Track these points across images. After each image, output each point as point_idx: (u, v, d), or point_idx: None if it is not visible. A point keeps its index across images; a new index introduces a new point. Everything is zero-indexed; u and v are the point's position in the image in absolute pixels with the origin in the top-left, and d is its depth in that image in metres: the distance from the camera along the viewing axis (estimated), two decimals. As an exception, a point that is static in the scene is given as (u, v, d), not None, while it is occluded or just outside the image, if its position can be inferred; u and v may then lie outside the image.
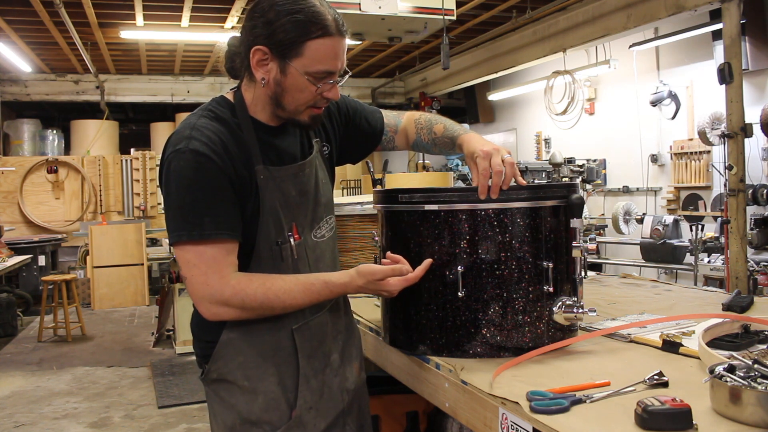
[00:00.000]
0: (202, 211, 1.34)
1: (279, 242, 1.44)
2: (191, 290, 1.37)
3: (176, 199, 1.36)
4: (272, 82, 1.40)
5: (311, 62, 1.37)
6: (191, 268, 1.35)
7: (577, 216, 1.46)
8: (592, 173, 6.71)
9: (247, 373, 1.43)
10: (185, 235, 1.35)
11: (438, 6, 4.56)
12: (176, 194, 1.36)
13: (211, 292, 1.35)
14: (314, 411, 1.46)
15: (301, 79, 1.38)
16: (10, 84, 9.51)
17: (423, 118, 1.75)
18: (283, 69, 1.38)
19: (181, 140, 1.37)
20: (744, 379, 1.07)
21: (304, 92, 1.40)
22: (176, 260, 1.42)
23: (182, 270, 1.38)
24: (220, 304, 1.36)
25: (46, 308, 6.48)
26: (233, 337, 1.43)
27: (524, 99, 9.57)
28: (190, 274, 1.36)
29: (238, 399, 1.44)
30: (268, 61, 1.38)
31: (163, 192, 1.41)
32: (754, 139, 5.05)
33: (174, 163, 1.36)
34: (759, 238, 4.89)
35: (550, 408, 1.10)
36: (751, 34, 5.71)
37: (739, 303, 1.80)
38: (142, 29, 7.22)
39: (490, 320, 1.41)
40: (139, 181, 9.77)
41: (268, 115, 1.47)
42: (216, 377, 1.46)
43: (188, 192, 1.35)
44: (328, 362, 1.52)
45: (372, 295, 2.20)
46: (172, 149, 1.38)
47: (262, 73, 1.39)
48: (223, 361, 1.44)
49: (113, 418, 4.28)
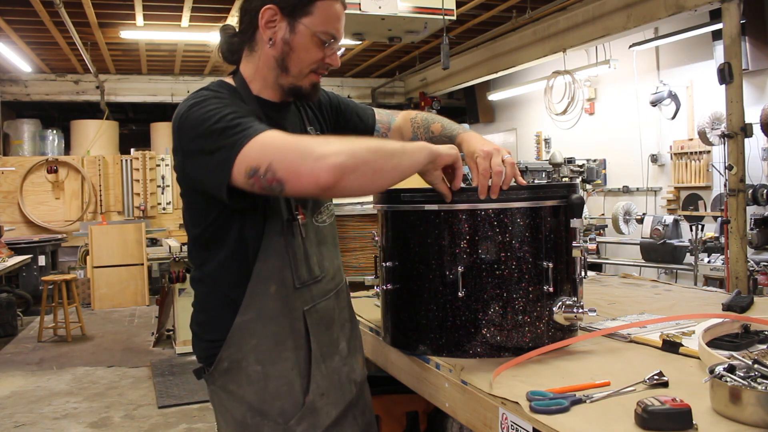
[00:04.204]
0: (248, 120, 1.27)
1: (289, 219, 1.42)
2: (291, 170, 1.20)
3: (214, 126, 1.26)
4: (280, 42, 1.40)
5: (320, 22, 1.39)
6: (273, 152, 1.22)
7: (577, 216, 1.46)
8: (592, 173, 6.72)
9: (260, 357, 1.40)
10: (246, 136, 1.23)
11: (438, 6, 4.56)
12: (212, 122, 1.27)
13: (311, 146, 1.22)
14: (326, 398, 1.44)
15: (309, 39, 1.40)
16: (10, 84, 9.51)
17: (419, 116, 1.74)
18: (292, 27, 1.39)
19: (191, 99, 1.34)
20: (744, 379, 1.07)
21: (310, 52, 1.41)
22: (249, 174, 1.23)
23: (262, 170, 1.22)
24: (328, 155, 1.20)
25: (46, 308, 6.48)
26: (248, 319, 1.40)
27: (524, 99, 9.57)
28: (277, 157, 1.21)
29: (247, 389, 1.40)
30: (276, 22, 1.39)
31: (189, 146, 1.31)
32: (754, 139, 5.05)
33: (195, 108, 1.31)
34: (759, 238, 4.89)
35: (550, 408, 1.10)
36: (751, 34, 5.71)
37: (739, 303, 1.80)
38: (142, 29, 7.22)
39: (490, 320, 1.41)
40: (139, 181, 9.77)
41: (269, 87, 1.46)
42: (227, 366, 1.41)
43: (225, 109, 1.28)
44: (337, 350, 1.51)
45: (372, 295, 2.21)
46: (184, 109, 1.33)
47: (270, 33, 1.40)
48: (236, 346, 1.40)
49: (113, 418, 4.28)
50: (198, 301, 1.49)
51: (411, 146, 1.35)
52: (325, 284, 1.51)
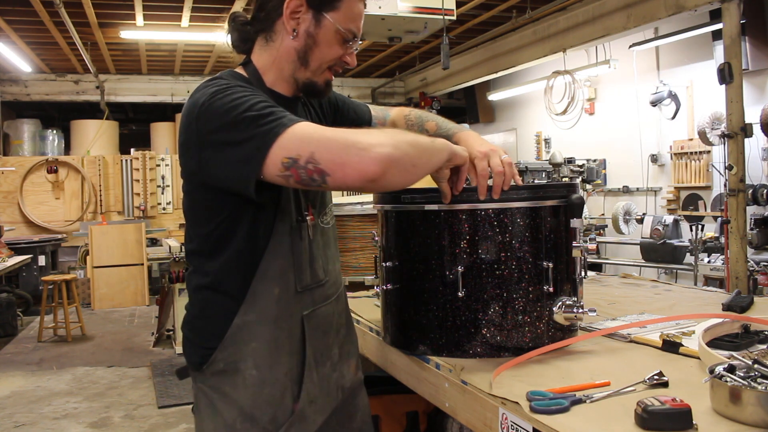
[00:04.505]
0: (280, 109, 1.22)
1: (298, 219, 1.39)
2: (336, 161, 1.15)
3: (244, 114, 1.19)
4: (303, 34, 1.36)
5: (345, 18, 1.37)
6: (315, 142, 1.16)
7: (577, 216, 1.46)
8: (592, 173, 6.71)
9: (258, 361, 1.35)
10: (282, 125, 1.17)
11: (438, 6, 4.56)
12: (241, 110, 1.20)
13: (354, 137, 1.17)
14: (314, 405, 1.43)
15: (333, 34, 1.37)
16: (10, 84, 9.51)
17: (413, 114, 1.73)
18: (317, 20, 1.36)
19: (209, 87, 1.28)
20: (744, 379, 1.07)
21: (332, 48, 1.38)
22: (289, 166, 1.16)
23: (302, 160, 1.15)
24: (374, 145, 1.16)
25: (46, 308, 6.48)
26: (249, 320, 1.34)
27: (524, 99, 9.57)
28: (320, 147, 1.15)
29: (242, 393, 1.35)
30: (301, 13, 1.35)
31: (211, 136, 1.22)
32: (754, 139, 5.05)
33: (219, 96, 1.23)
34: (759, 238, 4.89)
35: (550, 408, 1.10)
36: (751, 34, 5.71)
37: (739, 303, 1.80)
38: (142, 29, 7.22)
39: (490, 320, 1.41)
40: (139, 181, 9.77)
41: (284, 81, 1.42)
42: (222, 367, 1.36)
43: (253, 98, 1.22)
44: (329, 356, 1.49)
45: (372, 295, 2.21)
46: (205, 97, 1.25)
47: (294, 24, 1.36)
48: (234, 347, 1.35)
49: (113, 418, 4.27)
50: (195, 303, 1.42)
51: (438, 143, 1.32)
52: (327, 288, 1.49)
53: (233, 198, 1.28)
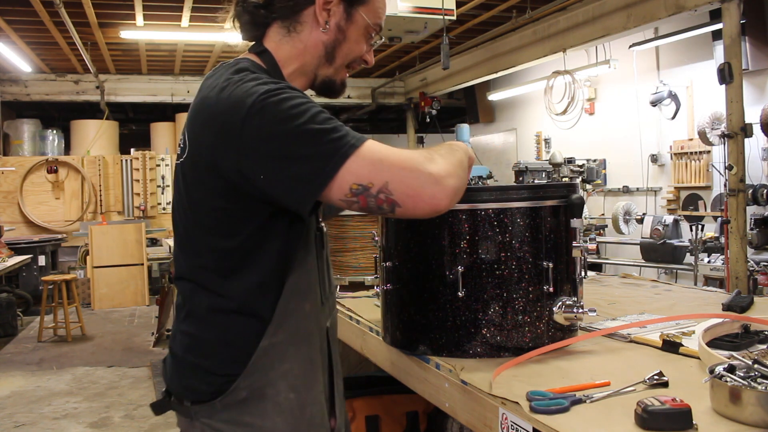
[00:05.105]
0: (338, 122, 1.12)
1: (319, 228, 1.32)
2: (411, 193, 1.08)
3: (305, 127, 1.07)
4: (334, 28, 1.27)
5: (374, 13, 1.31)
6: (387, 170, 1.08)
7: (577, 216, 1.46)
8: (592, 173, 6.71)
9: (294, 383, 1.22)
10: (349, 145, 1.07)
11: (438, 6, 4.56)
12: (302, 120, 1.08)
13: (422, 165, 1.10)
14: (341, 418, 1.39)
15: (362, 30, 1.30)
16: (10, 84, 9.50)
17: None
18: (349, 14, 1.28)
19: (256, 84, 1.13)
20: (744, 379, 1.07)
21: (359, 44, 1.32)
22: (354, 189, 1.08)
23: (375, 189, 1.08)
24: (444, 177, 1.11)
25: (46, 308, 6.48)
26: (278, 341, 1.21)
27: (524, 99, 9.57)
28: (395, 177, 1.08)
29: (277, 420, 1.20)
30: (332, 5, 1.26)
31: (262, 145, 1.08)
32: (754, 139, 5.05)
33: (273, 98, 1.09)
34: (759, 238, 4.89)
35: (550, 408, 1.10)
36: (751, 34, 5.71)
37: (739, 303, 1.80)
38: (142, 29, 7.22)
39: (490, 320, 1.41)
40: (139, 181, 9.78)
41: (303, 75, 1.31)
42: (244, 396, 1.19)
43: (312, 106, 1.10)
44: (339, 369, 1.45)
45: (372, 295, 2.20)
46: (255, 97, 1.09)
47: (326, 16, 1.26)
48: (261, 372, 1.20)
49: (113, 418, 4.28)
50: (212, 328, 1.23)
51: (461, 150, 1.26)
52: (332, 295, 1.45)
53: (267, 207, 1.15)
